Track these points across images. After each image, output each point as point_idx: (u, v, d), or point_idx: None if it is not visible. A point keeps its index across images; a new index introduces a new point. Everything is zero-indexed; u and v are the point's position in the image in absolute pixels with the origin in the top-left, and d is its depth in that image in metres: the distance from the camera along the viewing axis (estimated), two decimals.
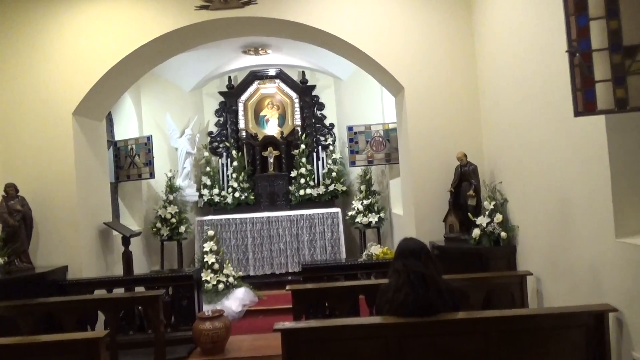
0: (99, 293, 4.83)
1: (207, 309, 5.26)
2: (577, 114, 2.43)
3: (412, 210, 5.14)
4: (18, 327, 3.96)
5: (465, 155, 4.78)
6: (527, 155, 3.95)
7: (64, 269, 4.96)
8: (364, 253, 6.67)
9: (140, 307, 4.85)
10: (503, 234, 4.28)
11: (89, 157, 5.43)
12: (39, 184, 5.03)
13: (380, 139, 7.23)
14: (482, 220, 4.38)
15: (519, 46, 3.98)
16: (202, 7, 5.04)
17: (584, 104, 2.38)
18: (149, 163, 6.96)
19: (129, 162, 7.09)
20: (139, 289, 5.03)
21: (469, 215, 4.59)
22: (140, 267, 6.83)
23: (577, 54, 2.37)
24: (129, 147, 7.11)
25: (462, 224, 4.75)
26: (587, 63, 2.35)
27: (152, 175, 7.04)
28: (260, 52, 7.59)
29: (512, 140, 4.26)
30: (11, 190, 4.74)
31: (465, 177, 4.76)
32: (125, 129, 7.50)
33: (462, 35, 5.08)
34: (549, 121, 3.50)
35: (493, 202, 4.40)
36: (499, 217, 4.31)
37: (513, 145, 4.24)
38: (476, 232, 4.38)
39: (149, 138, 7.02)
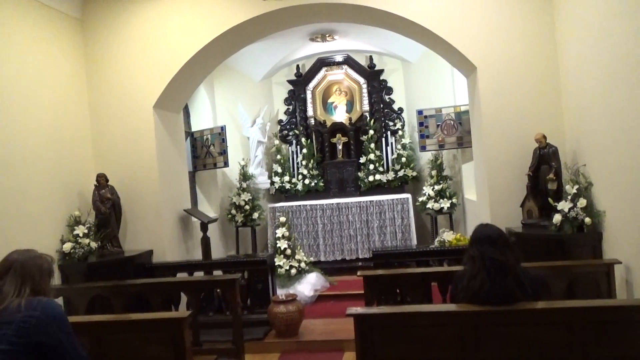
0: (181, 276, 5.11)
1: (280, 292, 5.41)
2: None
3: (487, 195, 4.94)
4: (111, 305, 4.30)
5: (545, 137, 4.50)
6: (614, 135, 3.65)
7: (149, 252, 5.30)
8: (436, 240, 6.51)
9: (218, 290, 5.08)
10: (587, 219, 4.00)
11: (169, 147, 5.73)
12: (125, 173, 5.38)
13: (452, 122, 6.99)
14: (563, 205, 4.12)
15: (606, 15, 3.66)
16: None
17: None
18: (223, 152, 7.22)
19: (205, 151, 7.40)
20: (217, 273, 5.26)
21: (549, 200, 4.34)
22: (217, 251, 7.14)
23: None
24: (205, 137, 7.42)
25: (542, 209, 4.50)
26: None
27: (226, 164, 7.31)
28: (327, 38, 7.56)
29: (597, 120, 3.95)
30: (102, 179, 5.12)
31: (545, 159, 4.49)
32: (201, 120, 7.82)
33: (541, 9, 4.76)
34: (638, 100, 3.20)
35: (576, 186, 4.13)
36: (582, 202, 4.03)
37: (598, 125, 3.93)
38: (557, 217, 4.13)
39: (223, 128, 7.27)
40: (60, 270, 4.67)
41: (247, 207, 7.65)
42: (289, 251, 6.49)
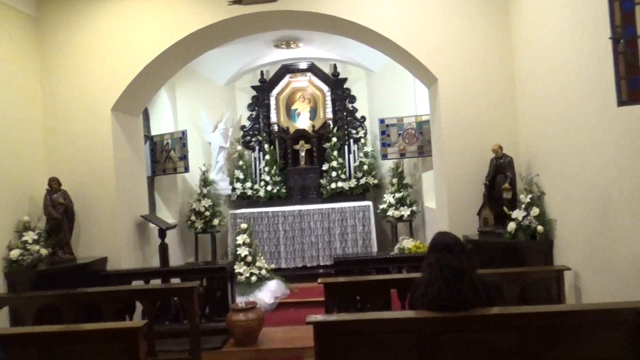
0: (137, 284, 4.96)
1: (240, 300, 5.33)
2: (621, 103, 2.34)
3: (446, 203, 5.06)
4: (61, 315, 4.12)
5: (501, 147, 4.66)
6: (566, 146, 3.82)
7: (103, 260, 5.13)
8: (396, 247, 6.62)
9: (176, 298, 4.97)
10: (540, 227, 4.16)
11: (127, 151, 5.58)
12: (79, 178, 5.20)
13: (413, 132, 7.14)
14: (518, 214, 4.27)
15: (558, 33, 3.84)
16: (235, 2, 5.07)
17: (629, 93, 2.28)
18: (184, 157, 7.10)
19: (165, 156, 7.25)
20: (175, 280, 5.14)
21: (504, 208, 4.49)
22: (175, 258, 6.99)
23: (622, 41, 2.27)
24: (165, 141, 7.27)
25: (497, 217, 4.65)
26: (632, 50, 2.25)
27: (186, 169, 7.18)
28: (292, 45, 7.59)
29: (550, 132, 4.13)
30: (55, 184, 4.92)
31: (501, 169, 4.65)
32: (161, 124, 7.67)
33: (498, 24, 4.94)
34: (590, 111, 3.37)
35: (529, 195, 4.29)
36: (535, 211, 4.19)
37: (551, 136, 4.11)
38: (512, 225, 4.27)
39: (184, 132, 7.15)
40: (6, 278, 4.46)
41: (207, 213, 7.54)
42: (249, 258, 6.42)
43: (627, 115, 2.81)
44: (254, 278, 6.30)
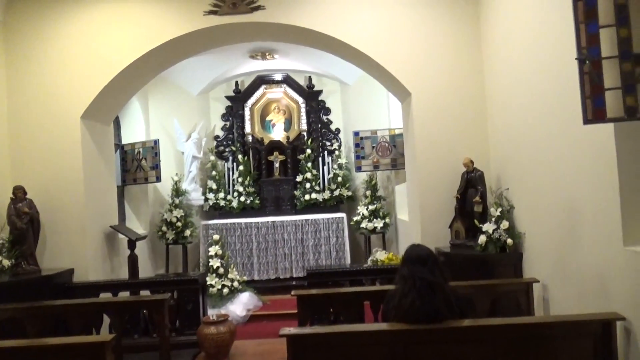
0: (105, 296, 4.84)
1: (211, 313, 5.26)
2: (587, 121, 2.42)
3: (418, 216, 5.12)
4: (25, 329, 3.97)
5: (472, 162, 4.76)
6: (534, 161, 3.94)
7: (70, 271, 4.98)
8: (369, 259, 6.65)
9: (145, 311, 4.85)
10: (509, 240, 4.26)
11: (97, 160, 5.46)
12: (46, 186, 5.05)
13: (386, 145, 7.23)
14: (488, 227, 4.36)
15: (527, 52, 3.97)
16: (210, 12, 5.06)
17: (594, 112, 2.37)
18: (156, 167, 6.99)
19: (136, 165, 7.12)
20: (144, 293, 5.04)
21: (475, 221, 4.57)
22: (145, 270, 6.84)
23: (587, 62, 2.36)
24: (136, 150, 7.14)
25: (468, 230, 4.73)
26: (596, 71, 2.34)
27: (158, 179, 7.06)
28: (268, 57, 7.61)
29: (519, 147, 4.24)
30: (20, 192, 4.77)
31: (472, 183, 4.74)
32: (133, 133, 7.54)
33: (470, 41, 5.08)
34: (557, 128, 3.48)
35: (499, 209, 4.38)
36: (505, 224, 4.29)
37: (520, 151, 4.22)
38: (482, 238, 4.35)
39: (156, 142, 7.05)
40: None
41: (179, 223, 7.43)
42: (221, 270, 6.33)
43: (591, 132, 2.91)
44: (226, 290, 6.22)
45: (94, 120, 5.38)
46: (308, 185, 8.30)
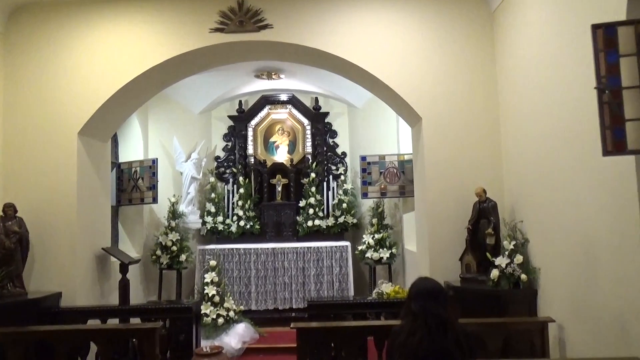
0: (93, 323, 4.79)
1: (205, 344, 5.20)
2: (606, 153, 2.43)
3: (427, 247, 5.09)
4: (7, 356, 3.93)
5: (485, 191, 4.75)
6: (550, 193, 3.93)
7: (57, 295, 4.95)
8: (374, 291, 6.58)
9: (135, 340, 4.79)
10: (523, 276, 4.21)
11: (92, 178, 5.49)
12: (38, 204, 5.07)
13: (395, 171, 7.24)
14: (501, 261, 4.32)
15: (544, 78, 4.01)
16: (216, 30, 5.16)
17: (613, 143, 2.38)
18: (153, 187, 7.01)
19: (132, 185, 7.15)
20: (135, 320, 4.98)
21: (487, 254, 4.54)
22: (137, 296, 6.80)
23: (607, 91, 2.38)
24: (133, 169, 7.18)
25: (480, 263, 4.69)
26: (616, 100, 2.36)
27: (155, 200, 7.08)
28: (273, 76, 7.71)
29: (535, 177, 4.24)
30: (10, 210, 4.78)
31: (484, 214, 4.72)
32: (130, 151, 7.60)
33: (484, 66, 5.14)
34: (575, 158, 3.49)
35: (513, 242, 4.36)
36: (519, 258, 4.25)
37: (536, 182, 4.22)
38: (494, 273, 4.31)
39: (154, 161, 7.09)
40: None
41: (174, 247, 7.40)
42: (217, 298, 6.29)
43: (611, 164, 2.92)
44: (221, 320, 6.16)
45: (91, 137, 5.43)
46: (311, 210, 8.29)
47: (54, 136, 5.18)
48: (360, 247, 7.60)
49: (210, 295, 6.27)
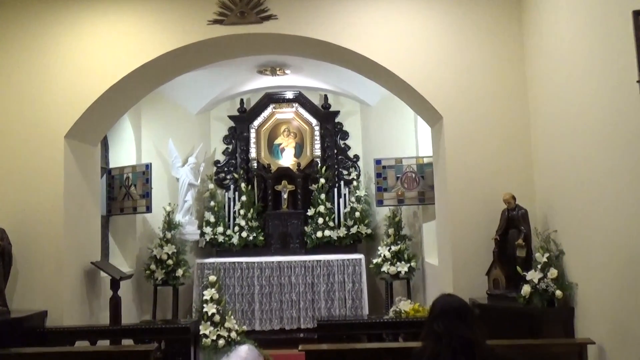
0: (81, 344, 4.82)
1: None
2: None
3: (450, 260, 5.07)
4: None
5: (514, 198, 4.72)
6: (588, 199, 3.89)
7: (42, 314, 4.98)
8: (391, 309, 6.52)
9: None
10: (558, 292, 4.17)
11: (80, 186, 5.53)
12: (22, 214, 5.12)
13: (413, 175, 7.22)
14: (533, 275, 4.28)
15: (580, 73, 3.98)
16: (215, 22, 5.19)
17: None
18: (146, 195, 7.05)
19: (124, 193, 7.20)
20: (127, 342, 5.02)
21: (518, 268, 4.50)
22: (129, 315, 6.83)
23: None
24: (125, 176, 7.23)
25: (509, 278, 4.65)
26: None
27: (149, 209, 7.12)
28: (278, 72, 7.74)
29: (570, 183, 4.21)
30: None
31: (513, 223, 4.69)
32: (122, 155, 7.66)
33: (512, 60, 5.12)
34: (616, 162, 3.45)
35: (546, 254, 4.32)
36: (553, 272, 4.21)
37: (571, 188, 4.18)
38: (526, 289, 4.27)
39: (148, 166, 7.13)
40: None
41: (170, 261, 7.43)
42: (217, 317, 6.27)
43: None
44: (221, 342, 6.14)
45: (79, 140, 5.48)
46: (321, 220, 8.29)
47: (39, 140, 5.22)
48: (375, 261, 7.57)
49: (209, 314, 6.25)
